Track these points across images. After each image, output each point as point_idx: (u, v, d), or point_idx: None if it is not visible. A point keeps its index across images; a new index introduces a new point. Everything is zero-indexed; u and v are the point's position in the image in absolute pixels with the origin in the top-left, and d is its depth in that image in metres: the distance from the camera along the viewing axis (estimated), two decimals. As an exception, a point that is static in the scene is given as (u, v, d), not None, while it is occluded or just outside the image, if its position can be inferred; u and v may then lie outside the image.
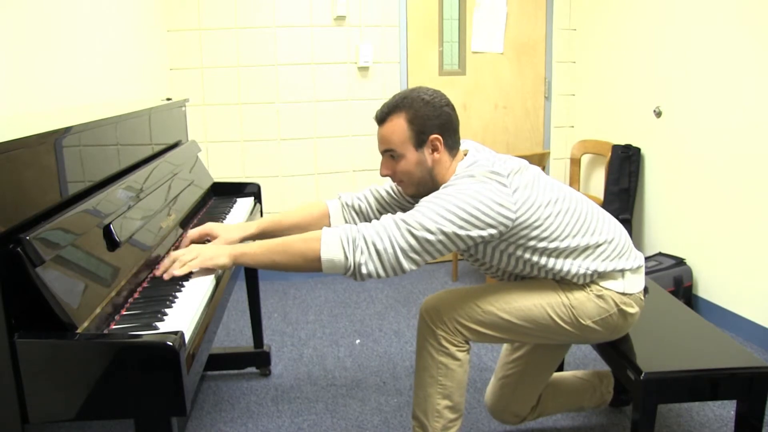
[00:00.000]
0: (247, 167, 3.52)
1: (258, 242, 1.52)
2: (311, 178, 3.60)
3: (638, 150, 3.32)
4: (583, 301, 1.60)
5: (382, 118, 1.59)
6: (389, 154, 1.59)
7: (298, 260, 1.45)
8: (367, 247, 1.43)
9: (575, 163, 3.84)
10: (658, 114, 3.17)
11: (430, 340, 1.60)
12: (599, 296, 1.60)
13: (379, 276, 1.45)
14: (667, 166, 3.16)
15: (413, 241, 1.43)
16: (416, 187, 1.61)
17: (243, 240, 1.69)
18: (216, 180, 2.36)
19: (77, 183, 1.34)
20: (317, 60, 3.49)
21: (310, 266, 1.45)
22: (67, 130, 1.28)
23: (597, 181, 3.78)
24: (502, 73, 3.83)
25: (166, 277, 1.40)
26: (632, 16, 3.32)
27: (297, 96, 3.50)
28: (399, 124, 1.55)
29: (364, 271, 1.44)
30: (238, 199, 2.30)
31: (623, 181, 3.33)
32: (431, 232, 1.43)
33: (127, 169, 1.65)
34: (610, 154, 3.44)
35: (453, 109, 1.60)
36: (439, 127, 1.56)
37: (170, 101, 2.25)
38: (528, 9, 3.79)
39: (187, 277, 1.42)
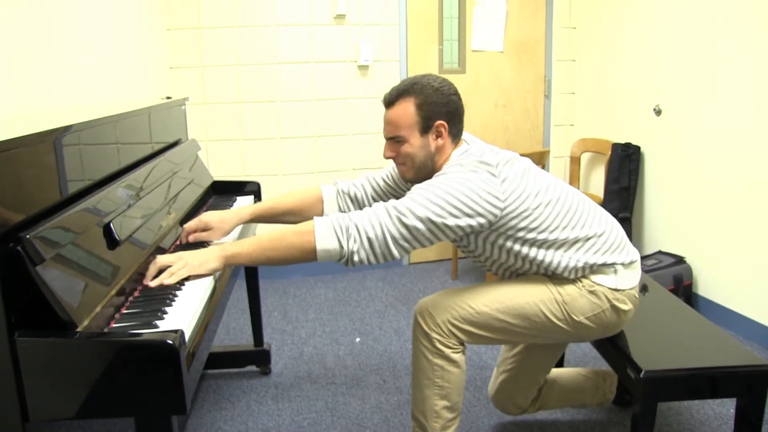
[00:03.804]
0: (247, 166, 3.52)
1: (249, 240, 1.51)
2: (311, 177, 3.60)
3: (638, 148, 3.32)
4: (576, 297, 1.61)
5: (390, 102, 1.61)
6: (395, 139, 1.61)
7: (293, 253, 1.46)
8: (359, 236, 1.46)
9: (575, 161, 3.84)
10: (658, 112, 3.17)
11: (424, 342, 1.60)
12: (591, 292, 1.61)
13: (370, 263, 1.48)
14: (667, 165, 3.16)
15: (403, 230, 1.46)
16: (416, 172, 1.63)
17: (239, 225, 1.76)
18: (216, 178, 2.36)
19: (77, 182, 1.34)
20: (317, 58, 3.49)
21: (306, 258, 1.47)
22: (67, 129, 1.28)
23: (597, 180, 3.78)
24: (502, 71, 3.83)
25: (153, 284, 1.35)
26: (632, 15, 3.32)
27: (297, 94, 3.50)
28: (407, 109, 1.58)
29: (356, 258, 1.47)
30: (238, 198, 2.30)
31: (623, 179, 3.33)
32: (421, 221, 1.46)
33: (127, 168, 1.65)
34: (610, 152, 3.44)
35: (460, 98, 1.63)
36: (446, 114, 1.59)
37: (170, 100, 2.25)
38: (528, 7, 3.79)
39: (183, 282, 1.40)
